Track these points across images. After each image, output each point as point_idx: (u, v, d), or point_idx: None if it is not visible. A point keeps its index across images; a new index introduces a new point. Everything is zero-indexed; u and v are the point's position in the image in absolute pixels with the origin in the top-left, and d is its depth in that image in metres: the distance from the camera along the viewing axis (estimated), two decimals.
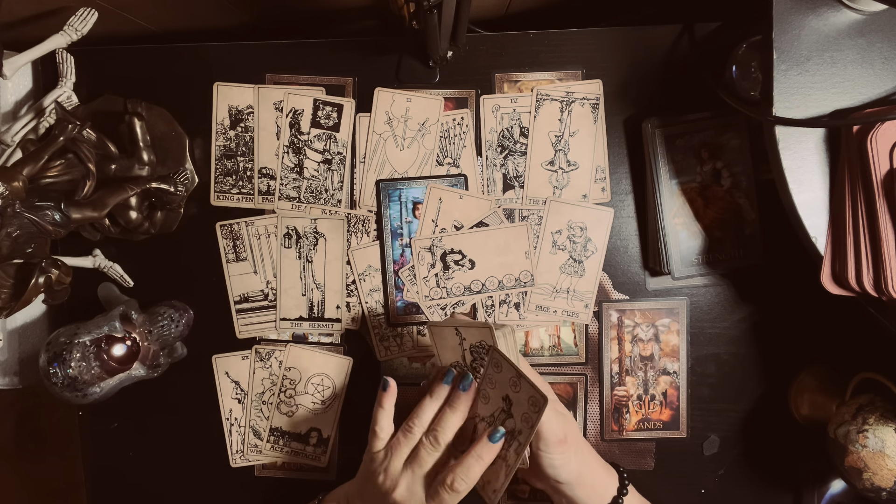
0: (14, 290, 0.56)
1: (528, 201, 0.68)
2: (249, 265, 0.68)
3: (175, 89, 0.67)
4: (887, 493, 0.56)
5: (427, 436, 0.55)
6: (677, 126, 0.64)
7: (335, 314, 0.69)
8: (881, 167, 0.50)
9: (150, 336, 0.63)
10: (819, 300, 0.58)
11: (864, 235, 0.52)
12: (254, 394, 0.69)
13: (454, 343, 0.58)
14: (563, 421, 0.58)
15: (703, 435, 0.69)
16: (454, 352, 0.58)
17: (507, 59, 0.67)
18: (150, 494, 0.71)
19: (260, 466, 0.70)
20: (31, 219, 0.53)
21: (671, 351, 0.68)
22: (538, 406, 0.50)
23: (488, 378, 0.55)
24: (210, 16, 0.71)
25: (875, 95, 0.53)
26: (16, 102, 0.67)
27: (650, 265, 0.68)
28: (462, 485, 0.52)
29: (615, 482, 0.61)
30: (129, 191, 0.60)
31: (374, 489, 0.56)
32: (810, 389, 0.67)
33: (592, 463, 0.60)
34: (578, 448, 0.59)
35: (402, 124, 0.67)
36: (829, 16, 0.53)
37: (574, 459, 0.57)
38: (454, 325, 0.57)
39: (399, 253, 0.68)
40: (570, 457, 0.57)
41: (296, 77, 0.68)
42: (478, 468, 0.52)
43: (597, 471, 0.60)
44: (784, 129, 0.53)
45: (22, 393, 1.14)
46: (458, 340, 0.57)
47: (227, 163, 0.68)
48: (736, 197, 0.66)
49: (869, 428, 0.57)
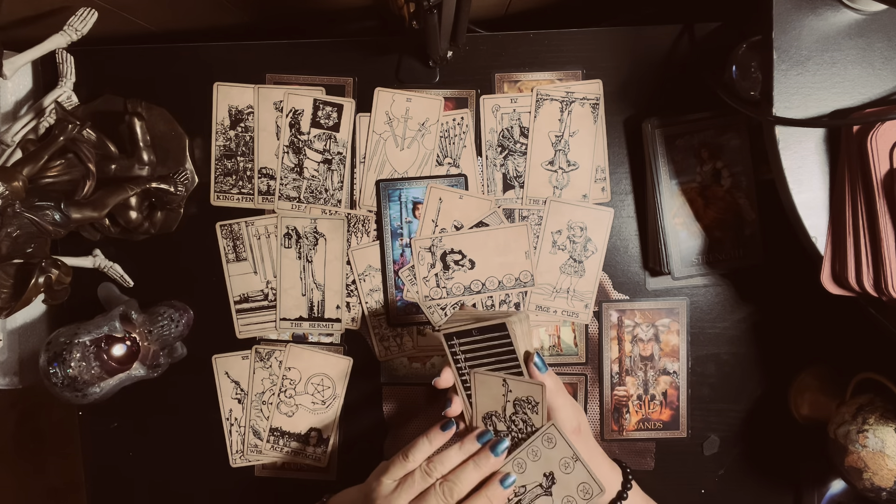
0: (14, 290, 0.56)
1: (528, 201, 0.68)
2: (249, 265, 0.68)
3: (175, 89, 0.67)
4: (887, 493, 0.56)
5: (442, 484, 0.53)
6: (677, 126, 0.64)
7: (335, 314, 0.69)
8: (881, 167, 0.50)
9: (150, 336, 0.63)
10: (819, 300, 0.58)
11: (864, 235, 0.52)
12: (254, 394, 0.69)
13: (497, 392, 0.55)
14: (577, 411, 0.57)
15: (703, 435, 0.69)
16: (495, 401, 0.55)
17: (507, 59, 0.67)
18: (150, 494, 0.71)
19: (260, 466, 0.70)
20: (31, 219, 0.53)
21: (671, 351, 0.68)
22: (590, 496, 0.51)
23: (532, 449, 0.53)
24: (210, 16, 0.71)
25: (875, 95, 0.53)
26: (16, 102, 0.67)
27: (650, 265, 0.68)
28: None
29: (619, 478, 0.61)
30: (129, 191, 0.60)
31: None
32: (810, 389, 0.67)
33: (599, 458, 0.60)
34: (587, 441, 0.59)
35: (402, 124, 0.67)
36: (829, 16, 0.53)
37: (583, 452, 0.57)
38: (503, 376, 0.54)
39: (399, 253, 0.68)
40: (581, 448, 0.57)
41: (296, 77, 0.68)
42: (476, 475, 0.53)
43: (602, 466, 0.60)
44: (784, 129, 0.53)
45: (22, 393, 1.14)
46: (503, 391, 0.55)
47: (227, 163, 0.68)
48: (736, 197, 0.66)
49: (869, 428, 0.57)
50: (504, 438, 0.54)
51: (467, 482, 0.53)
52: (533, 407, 0.53)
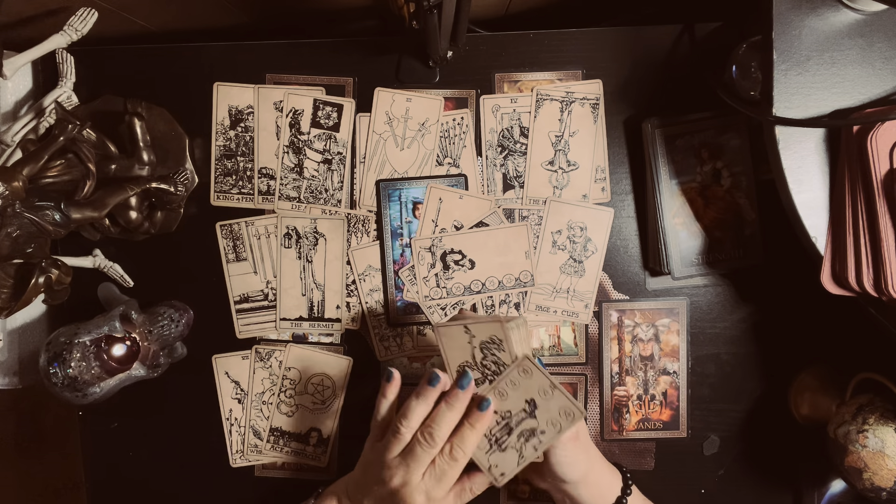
0: (14, 290, 0.57)
1: (528, 201, 0.68)
2: (249, 265, 0.68)
3: (175, 89, 0.67)
4: (887, 493, 0.56)
5: (421, 433, 0.55)
6: (677, 126, 0.64)
7: (335, 314, 0.69)
8: (881, 167, 0.50)
9: (150, 336, 0.63)
10: (819, 300, 0.58)
11: (864, 235, 0.52)
12: (254, 394, 0.69)
13: (463, 342, 0.57)
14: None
15: (703, 435, 0.69)
16: (463, 351, 0.58)
17: (507, 59, 0.67)
18: (150, 494, 0.71)
19: (260, 466, 0.70)
20: (31, 219, 0.53)
21: (671, 351, 0.68)
22: (572, 417, 0.53)
23: (510, 379, 0.55)
24: (210, 16, 0.71)
25: (875, 95, 0.53)
26: (16, 102, 0.67)
27: (650, 265, 0.68)
28: (459, 453, 0.53)
29: (619, 482, 0.61)
30: (129, 191, 0.60)
31: (372, 478, 0.56)
32: (810, 389, 0.67)
33: (598, 463, 0.60)
34: (587, 447, 0.59)
35: (402, 124, 0.67)
36: (829, 16, 0.53)
37: (582, 458, 0.57)
38: (463, 323, 0.57)
39: (399, 253, 0.68)
40: (580, 455, 0.57)
41: (296, 77, 0.68)
42: (472, 437, 0.54)
43: (602, 471, 0.60)
44: (784, 129, 0.53)
45: (22, 393, 1.14)
46: (467, 338, 0.57)
47: (227, 163, 0.68)
48: (736, 197, 0.66)
49: (869, 428, 0.57)
50: (466, 371, 0.56)
51: (444, 422, 0.54)
52: (498, 346, 0.55)
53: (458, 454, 0.54)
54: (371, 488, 0.56)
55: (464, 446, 0.54)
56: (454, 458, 0.54)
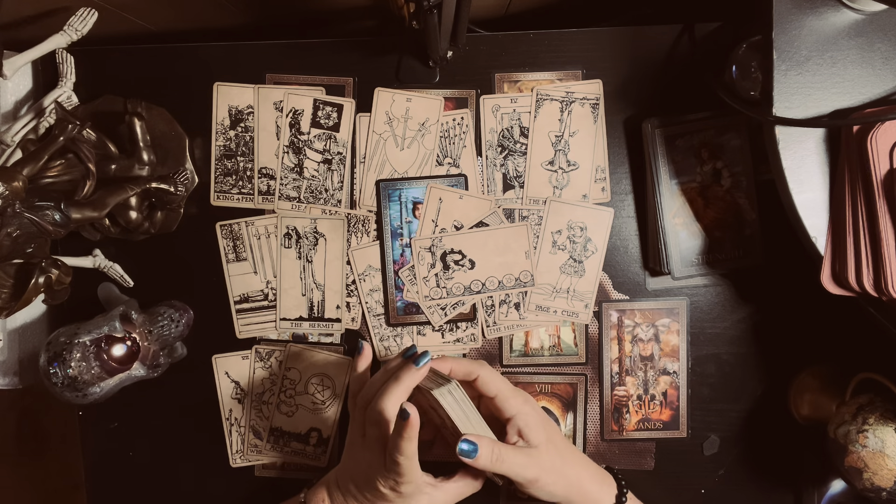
0: (14, 290, 0.57)
1: (528, 201, 0.68)
2: (249, 265, 0.68)
3: (175, 89, 0.67)
4: (887, 493, 0.56)
5: (371, 407, 0.55)
6: (677, 126, 0.64)
7: (335, 314, 0.69)
8: (881, 167, 0.50)
9: (150, 336, 0.63)
10: (819, 300, 0.58)
11: (864, 235, 0.52)
12: (254, 394, 0.69)
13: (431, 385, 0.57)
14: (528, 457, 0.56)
15: (703, 435, 0.69)
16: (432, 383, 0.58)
17: (507, 59, 0.67)
18: (150, 494, 0.71)
19: (260, 466, 0.70)
20: (31, 219, 0.53)
21: (671, 351, 0.68)
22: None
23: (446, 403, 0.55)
24: (210, 16, 0.71)
25: (875, 95, 0.53)
26: (16, 102, 0.67)
27: (650, 265, 0.68)
28: (383, 402, 0.54)
29: (613, 489, 0.61)
30: (129, 191, 0.60)
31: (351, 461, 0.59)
32: (810, 389, 0.67)
33: (584, 474, 0.60)
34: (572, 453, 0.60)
35: (402, 124, 0.67)
36: (829, 16, 0.53)
37: (560, 482, 0.58)
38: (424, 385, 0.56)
39: (399, 253, 0.68)
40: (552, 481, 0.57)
41: (296, 77, 0.68)
42: (395, 389, 0.54)
43: (591, 482, 0.60)
44: (784, 129, 0.53)
45: (22, 393, 1.14)
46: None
47: (227, 163, 0.68)
48: (736, 197, 0.66)
49: (869, 428, 0.57)
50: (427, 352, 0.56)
51: (371, 384, 0.56)
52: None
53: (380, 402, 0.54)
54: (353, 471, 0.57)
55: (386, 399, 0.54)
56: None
